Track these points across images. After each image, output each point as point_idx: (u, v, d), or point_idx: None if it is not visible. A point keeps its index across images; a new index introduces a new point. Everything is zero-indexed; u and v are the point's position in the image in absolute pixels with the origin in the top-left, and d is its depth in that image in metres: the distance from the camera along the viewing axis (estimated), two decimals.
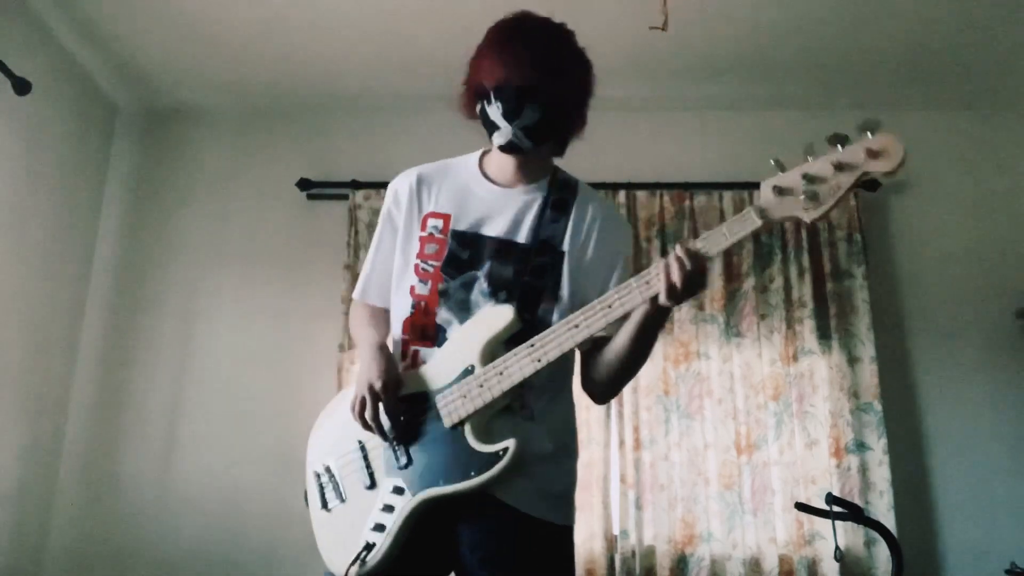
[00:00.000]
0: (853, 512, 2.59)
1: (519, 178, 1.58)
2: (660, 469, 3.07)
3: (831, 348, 3.18)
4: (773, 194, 1.35)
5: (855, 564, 2.95)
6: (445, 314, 1.53)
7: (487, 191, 1.58)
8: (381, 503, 1.49)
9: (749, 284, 3.24)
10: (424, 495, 1.45)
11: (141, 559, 3.11)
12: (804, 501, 2.77)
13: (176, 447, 3.25)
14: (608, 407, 3.11)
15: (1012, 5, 2.91)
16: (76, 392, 3.32)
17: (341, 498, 1.56)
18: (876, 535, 2.82)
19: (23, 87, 2.71)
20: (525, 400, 1.48)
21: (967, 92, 3.46)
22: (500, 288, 1.51)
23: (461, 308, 1.52)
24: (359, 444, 1.55)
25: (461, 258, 1.54)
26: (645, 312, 1.42)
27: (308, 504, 1.62)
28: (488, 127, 1.51)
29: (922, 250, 3.38)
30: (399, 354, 1.57)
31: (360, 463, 1.54)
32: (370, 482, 1.52)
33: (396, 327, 1.60)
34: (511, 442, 1.40)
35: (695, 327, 3.20)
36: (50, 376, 3.20)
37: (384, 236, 1.65)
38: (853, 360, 3.17)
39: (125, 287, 3.45)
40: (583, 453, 1.65)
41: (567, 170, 1.66)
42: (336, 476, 1.58)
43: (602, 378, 1.55)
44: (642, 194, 3.37)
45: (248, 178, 3.57)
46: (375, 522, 1.49)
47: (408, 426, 1.49)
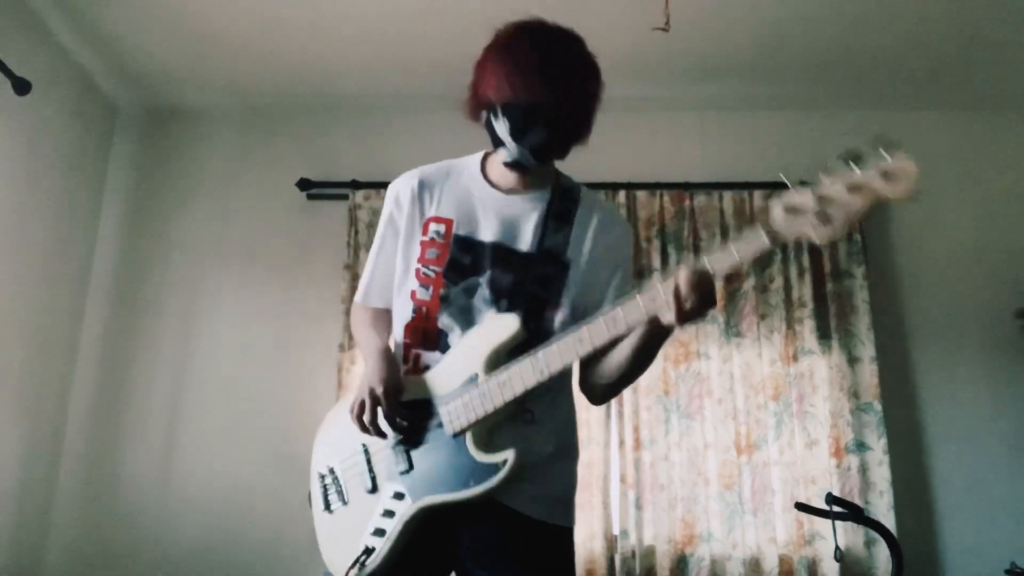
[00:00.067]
0: (853, 512, 2.59)
1: (522, 185, 1.56)
2: (660, 469, 3.07)
3: (831, 348, 3.18)
4: (784, 213, 1.31)
5: (855, 564, 2.95)
6: (446, 319, 1.52)
7: (490, 196, 1.57)
8: (382, 508, 1.49)
9: (749, 284, 3.24)
10: (423, 502, 1.45)
11: (141, 559, 3.11)
12: (804, 501, 2.77)
13: (176, 447, 3.25)
14: (608, 407, 3.11)
15: (1012, 5, 2.91)
16: (76, 392, 3.32)
17: (343, 500, 1.56)
18: (876, 535, 2.83)
19: (23, 87, 2.71)
20: (526, 404, 1.47)
21: (967, 92, 3.46)
22: (502, 295, 1.51)
23: (462, 314, 1.52)
24: (363, 447, 1.55)
25: (463, 264, 1.53)
26: (647, 330, 1.40)
27: (311, 504, 1.62)
28: (494, 140, 1.49)
29: (922, 250, 3.38)
30: (400, 357, 1.57)
31: (363, 466, 1.54)
32: (372, 486, 1.52)
33: (398, 330, 1.60)
34: (510, 453, 1.39)
35: (695, 327, 3.20)
36: (50, 376, 3.20)
37: (386, 239, 1.63)
38: (853, 360, 3.17)
39: (125, 287, 3.45)
40: (583, 453, 1.64)
41: (568, 170, 1.65)
42: (339, 478, 1.58)
43: (599, 384, 1.55)
44: (642, 194, 3.37)
45: (248, 178, 3.57)
46: (375, 527, 1.49)
47: (410, 432, 1.49)
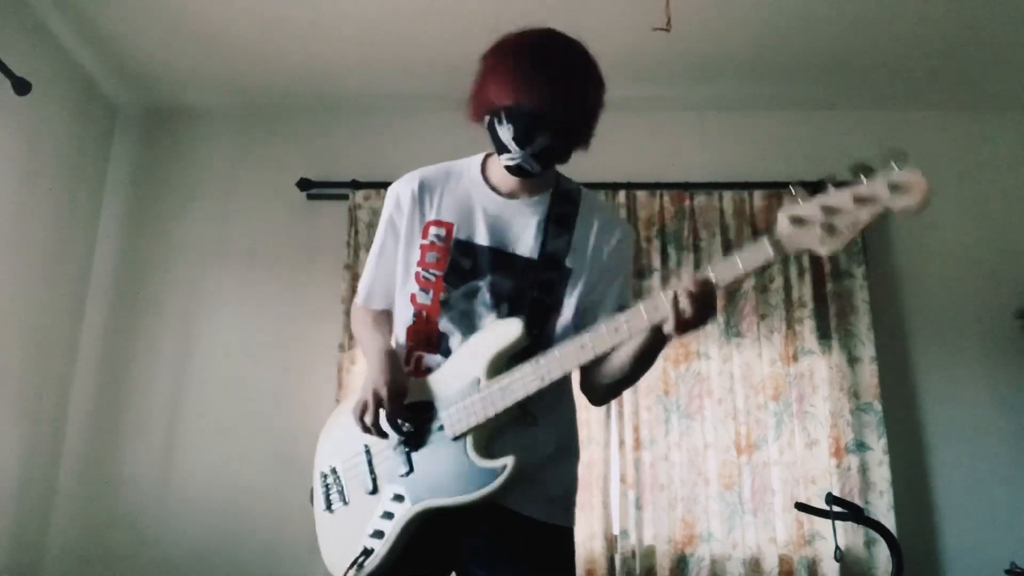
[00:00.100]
0: (853, 512, 2.59)
1: (523, 190, 1.56)
2: (660, 469, 3.07)
3: (831, 348, 3.18)
4: (790, 224, 1.30)
5: (855, 564, 2.95)
6: (447, 323, 1.53)
7: (490, 200, 1.56)
8: (381, 509, 1.49)
9: (749, 284, 3.24)
10: (422, 505, 1.45)
11: (141, 559, 3.11)
12: (804, 501, 2.77)
13: (176, 447, 3.25)
14: (608, 407, 3.11)
15: (1012, 5, 2.91)
16: (76, 392, 3.32)
17: (344, 501, 1.57)
18: (876, 535, 2.82)
19: (23, 87, 2.71)
20: (527, 407, 1.47)
21: (967, 92, 3.46)
22: (503, 300, 1.51)
23: (463, 318, 1.52)
24: (365, 448, 1.55)
25: (463, 268, 1.53)
26: (649, 338, 1.40)
27: (313, 503, 1.63)
28: (496, 145, 1.48)
29: (922, 250, 3.38)
30: (403, 359, 1.57)
31: (364, 467, 1.55)
32: (372, 487, 1.52)
33: (399, 333, 1.60)
34: (510, 460, 1.39)
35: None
36: (50, 376, 3.20)
37: (387, 242, 1.63)
38: (853, 360, 3.17)
39: (125, 287, 3.45)
40: (583, 453, 1.65)
41: (568, 169, 1.64)
42: (341, 478, 1.58)
43: (600, 386, 1.55)
44: (642, 194, 3.37)
45: (248, 178, 3.57)
46: (374, 528, 1.49)
47: (411, 435, 1.49)
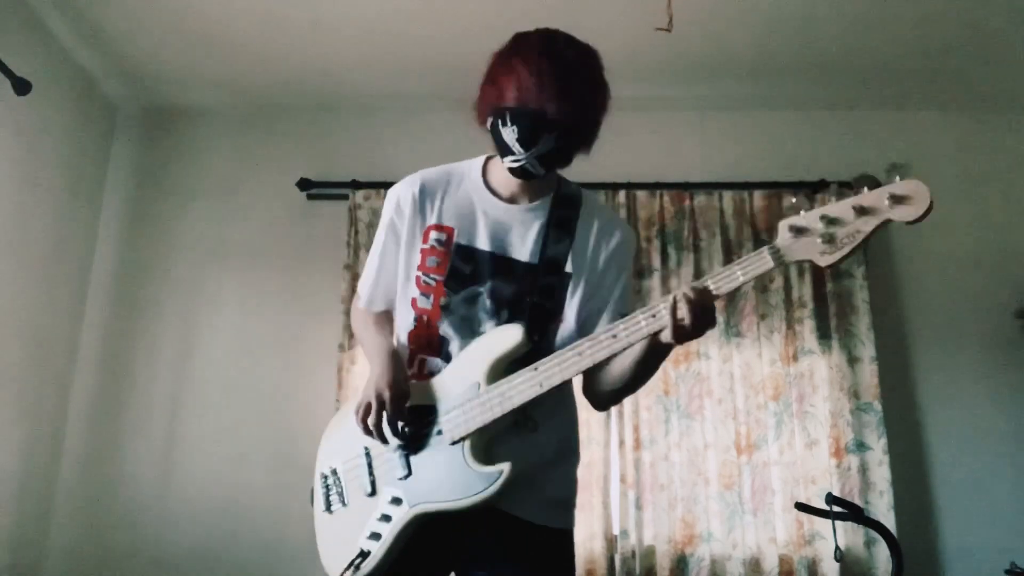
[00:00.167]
0: (853, 512, 2.59)
1: (524, 194, 1.56)
2: (660, 469, 3.07)
3: (831, 348, 3.18)
4: (790, 234, 1.30)
5: (855, 564, 2.95)
6: (447, 328, 1.53)
7: (491, 205, 1.56)
8: (379, 512, 1.50)
9: (749, 284, 3.23)
10: (419, 509, 1.46)
11: (141, 559, 3.11)
12: (804, 501, 2.77)
13: (176, 447, 3.25)
14: None
15: (1012, 5, 2.92)
16: (76, 392, 3.32)
17: (343, 502, 1.57)
18: (876, 535, 2.82)
19: (23, 87, 2.70)
20: (528, 412, 1.47)
21: (967, 92, 3.46)
22: (503, 305, 1.51)
23: (463, 323, 1.52)
24: (365, 450, 1.56)
25: (464, 272, 1.53)
26: (648, 345, 1.40)
27: (313, 504, 1.63)
28: (500, 147, 1.47)
29: (922, 250, 3.38)
30: (406, 361, 1.57)
31: (364, 469, 1.55)
32: (371, 489, 1.53)
33: (401, 335, 1.60)
34: (506, 466, 1.39)
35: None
36: (50, 376, 3.20)
37: (388, 245, 1.62)
38: (853, 360, 3.17)
39: (125, 287, 3.45)
40: (583, 453, 1.65)
41: (568, 169, 1.63)
42: (341, 480, 1.58)
43: (602, 392, 1.55)
44: (642, 194, 3.37)
45: (248, 178, 3.57)
46: (371, 530, 1.49)
47: (411, 438, 1.49)
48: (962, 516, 3.10)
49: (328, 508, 1.59)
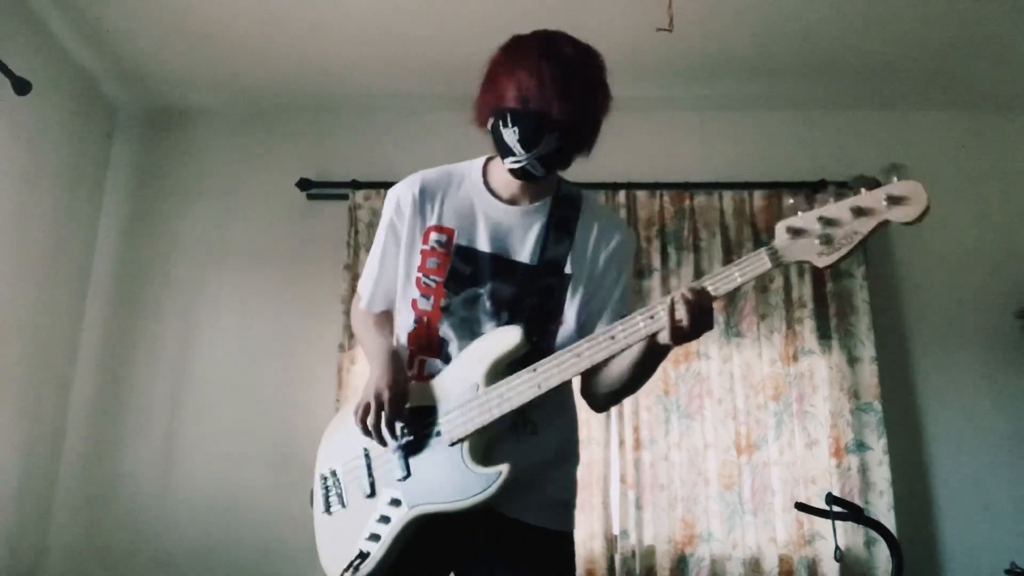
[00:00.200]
0: (853, 512, 2.59)
1: (524, 195, 1.56)
2: (660, 469, 3.07)
3: (831, 348, 3.18)
4: (787, 235, 1.30)
5: (855, 564, 2.95)
6: (447, 329, 1.53)
7: (491, 207, 1.55)
8: (378, 513, 1.50)
9: (749, 284, 3.23)
10: (418, 510, 1.46)
11: (141, 559, 3.11)
12: (804, 501, 2.77)
13: (176, 447, 3.25)
14: None
15: (1012, 5, 2.91)
16: (76, 392, 3.32)
17: (342, 504, 1.57)
18: (876, 535, 2.82)
19: (23, 87, 2.70)
20: (528, 415, 1.48)
21: (967, 92, 3.46)
22: (503, 307, 1.51)
23: (463, 325, 1.52)
24: (364, 452, 1.56)
25: (464, 274, 1.53)
26: (646, 347, 1.40)
27: (312, 505, 1.63)
28: (501, 148, 1.46)
29: (922, 250, 3.38)
30: (406, 362, 1.57)
31: (363, 471, 1.55)
32: (370, 491, 1.53)
33: (401, 337, 1.60)
34: (504, 467, 1.39)
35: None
36: (50, 376, 3.20)
37: (388, 247, 1.61)
38: (853, 360, 3.17)
39: (125, 287, 3.45)
40: (583, 453, 1.65)
41: (568, 169, 1.64)
42: (340, 481, 1.58)
43: (600, 393, 1.55)
44: (642, 194, 3.37)
45: (248, 178, 3.57)
46: (371, 532, 1.49)
47: (410, 440, 1.49)
48: (962, 516, 3.10)
49: (327, 509, 1.59)
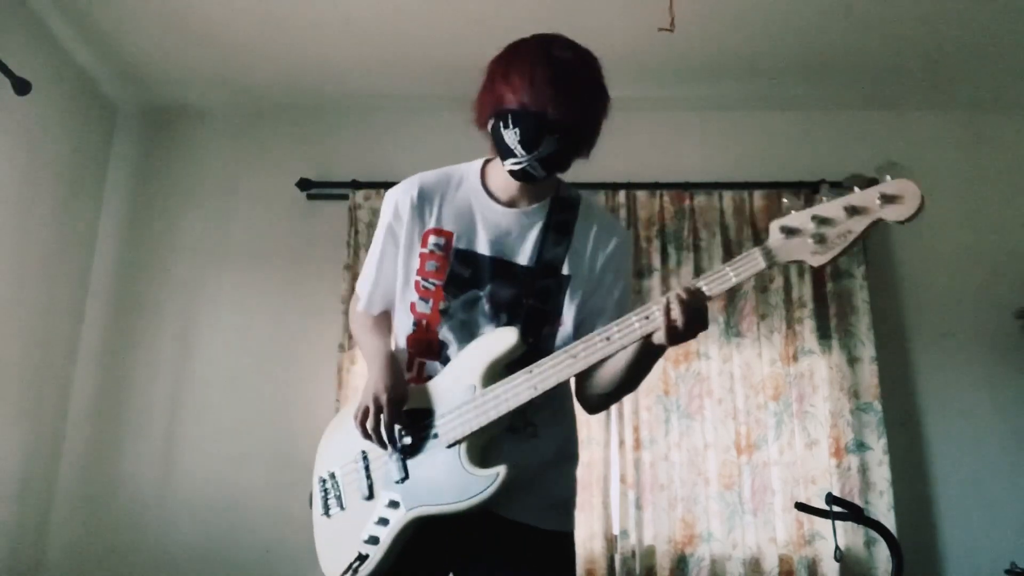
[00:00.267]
0: (853, 512, 2.59)
1: (523, 197, 1.55)
2: (660, 469, 3.07)
3: (831, 348, 3.18)
4: (781, 235, 1.31)
5: (855, 564, 2.95)
6: (446, 332, 1.53)
7: (490, 209, 1.55)
8: (377, 515, 1.49)
9: (749, 284, 3.24)
10: (416, 512, 1.45)
11: (141, 559, 3.11)
12: (804, 501, 2.77)
13: (176, 447, 3.25)
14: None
15: (1011, 5, 2.91)
16: (76, 392, 3.32)
17: (341, 506, 1.57)
18: (876, 535, 2.82)
19: (23, 87, 2.70)
20: (527, 417, 1.48)
21: (967, 92, 3.46)
22: (502, 309, 1.51)
23: (462, 328, 1.52)
24: (362, 454, 1.55)
25: (463, 277, 1.53)
26: (642, 347, 1.40)
27: (312, 508, 1.63)
28: (501, 149, 1.46)
29: (922, 250, 3.38)
30: (405, 364, 1.57)
31: (361, 473, 1.55)
32: (368, 493, 1.52)
33: (400, 339, 1.60)
34: (502, 469, 1.39)
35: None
36: (50, 376, 3.20)
37: (387, 249, 1.61)
38: (853, 360, 3.17)
39: (125, 287, 3.45)
40: (583, 453, 1.65)
41: (568, 169, 1.64)
42: (339, 483, 1.58)
43: (594, 395, 1.55)
44: (642, 194, 3.37)
45: (248, 178, 3.57)
46: (369, 534, 1.49)
47: (408, 442, 1.49)
48: (962, 516, 3.10)
49: (326, 512, 1.59)
